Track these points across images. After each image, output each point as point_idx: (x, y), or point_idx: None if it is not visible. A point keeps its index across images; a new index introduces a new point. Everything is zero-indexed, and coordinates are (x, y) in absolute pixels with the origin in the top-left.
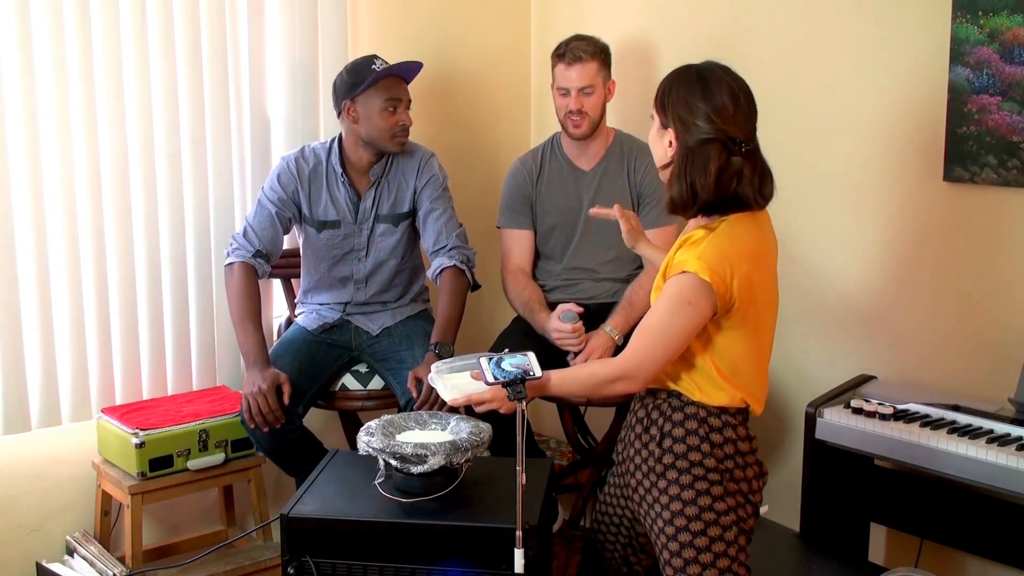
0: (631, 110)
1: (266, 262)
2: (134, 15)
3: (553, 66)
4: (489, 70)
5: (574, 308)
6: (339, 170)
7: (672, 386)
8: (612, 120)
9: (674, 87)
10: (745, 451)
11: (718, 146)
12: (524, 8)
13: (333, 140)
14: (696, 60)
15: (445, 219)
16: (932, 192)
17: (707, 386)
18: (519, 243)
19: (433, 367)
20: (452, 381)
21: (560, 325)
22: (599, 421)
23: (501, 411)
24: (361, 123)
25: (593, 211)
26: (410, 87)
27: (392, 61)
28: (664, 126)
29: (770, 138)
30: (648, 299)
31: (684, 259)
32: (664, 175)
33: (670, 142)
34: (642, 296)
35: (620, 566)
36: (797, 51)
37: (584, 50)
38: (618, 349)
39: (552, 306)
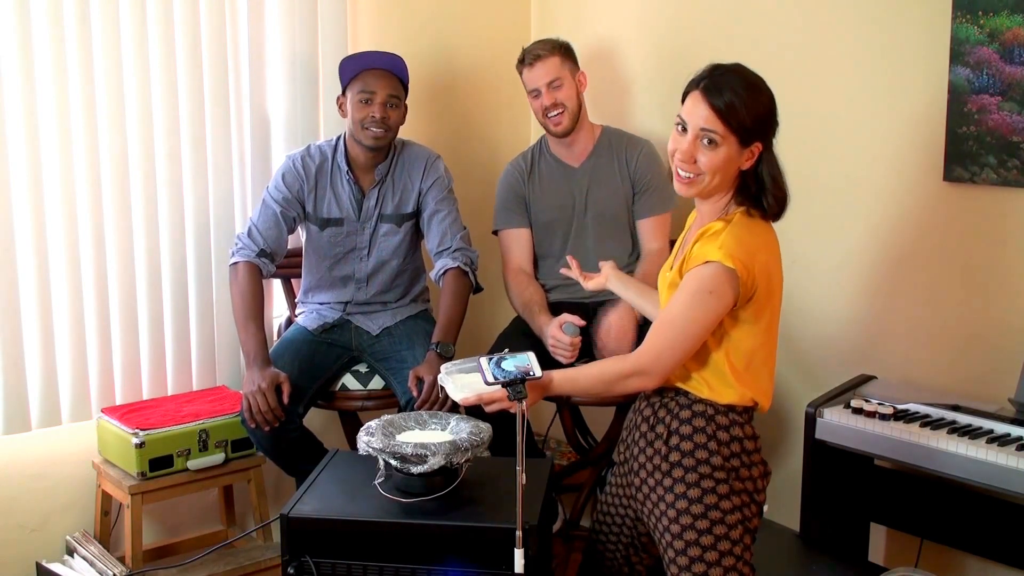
0: (630, 108)
1: (270, 261)
2: (134, 15)
3: (521, 76)
4: (489, 70)
5: (576, 321)
6: (344, 167)
7: (681, 385)
8: (612, 117)
9: (753, 101)
10: (751, 450)
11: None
12: (524, 8)
13: (339, 138)
14: (696, 57)
15: (450, 221)
16: (932, 192)
17: (717, 384)
18: (517, 242)
19: (443, 368)
20: (462, 381)
21: (559, 335)
22: (599, 421)
23: (512, 411)
24: (347, 116)
25: (563, 271)
26: (410, 87)
27: None
28: (744, 144)
29: None
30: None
31: (704, 251)
32: (722, 183)
33: (749, 156)
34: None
35: (621, 566)
36: (797, 51)
37: (542, 49)
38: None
39: (552, 307)
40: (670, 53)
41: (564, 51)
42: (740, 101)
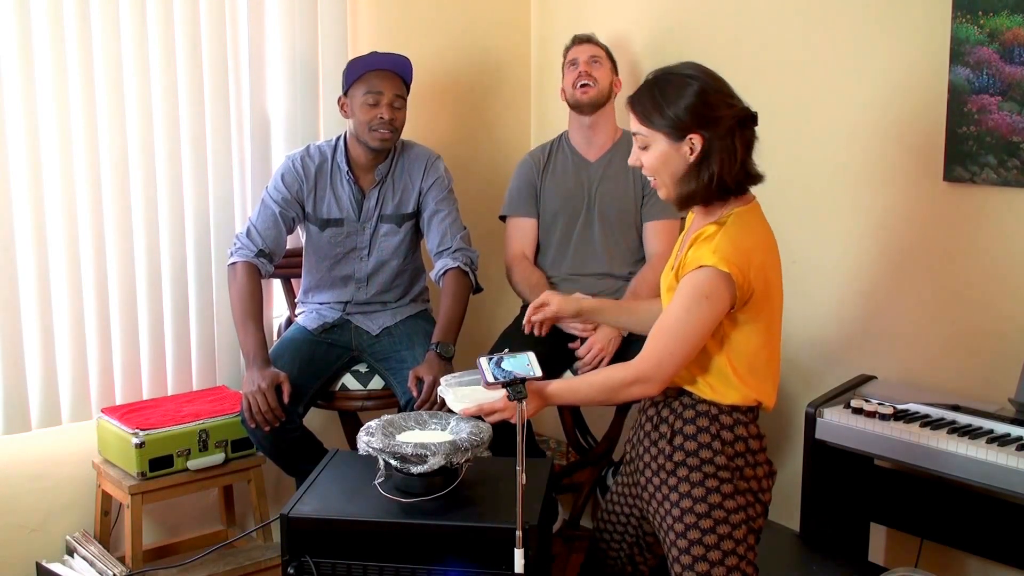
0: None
1: (269, 262)
2: (134, 15)
3: (565, 56)
4: (489, 70)
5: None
6: (344, 167)
7: (685, 388)
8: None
9: (673, 97)
10: (756, 449)
11: (741, 126)
12: (524, 8)
13: (339, 138)
14: (697, 58)
15: (450, 221)
16: (932, 192)
17: (720, 386)
18: (521, 230)
19: (443, 380)
20: (463, 392)
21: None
22: (599, 421)
23: (512, 420)
24: (351, 117)
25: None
26: (411, 88)
27: None
28: (677, 139)
29: (770, 138)
30: (652, 292)
31: (698, 255)
32: (675, 180)
33: (690, 149)
34: (646, 289)
35: (625, 565)
36: (797, 51)
37: (593, 37)
38: (624, 341)
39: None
40: (670, 54)
41: (609, 53)
42: (648, 97)
